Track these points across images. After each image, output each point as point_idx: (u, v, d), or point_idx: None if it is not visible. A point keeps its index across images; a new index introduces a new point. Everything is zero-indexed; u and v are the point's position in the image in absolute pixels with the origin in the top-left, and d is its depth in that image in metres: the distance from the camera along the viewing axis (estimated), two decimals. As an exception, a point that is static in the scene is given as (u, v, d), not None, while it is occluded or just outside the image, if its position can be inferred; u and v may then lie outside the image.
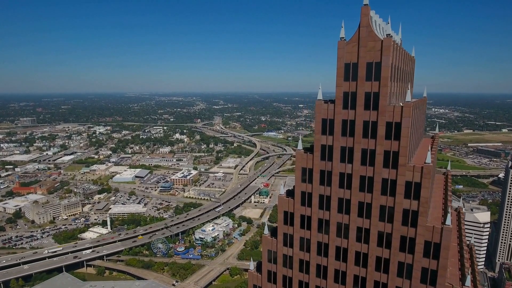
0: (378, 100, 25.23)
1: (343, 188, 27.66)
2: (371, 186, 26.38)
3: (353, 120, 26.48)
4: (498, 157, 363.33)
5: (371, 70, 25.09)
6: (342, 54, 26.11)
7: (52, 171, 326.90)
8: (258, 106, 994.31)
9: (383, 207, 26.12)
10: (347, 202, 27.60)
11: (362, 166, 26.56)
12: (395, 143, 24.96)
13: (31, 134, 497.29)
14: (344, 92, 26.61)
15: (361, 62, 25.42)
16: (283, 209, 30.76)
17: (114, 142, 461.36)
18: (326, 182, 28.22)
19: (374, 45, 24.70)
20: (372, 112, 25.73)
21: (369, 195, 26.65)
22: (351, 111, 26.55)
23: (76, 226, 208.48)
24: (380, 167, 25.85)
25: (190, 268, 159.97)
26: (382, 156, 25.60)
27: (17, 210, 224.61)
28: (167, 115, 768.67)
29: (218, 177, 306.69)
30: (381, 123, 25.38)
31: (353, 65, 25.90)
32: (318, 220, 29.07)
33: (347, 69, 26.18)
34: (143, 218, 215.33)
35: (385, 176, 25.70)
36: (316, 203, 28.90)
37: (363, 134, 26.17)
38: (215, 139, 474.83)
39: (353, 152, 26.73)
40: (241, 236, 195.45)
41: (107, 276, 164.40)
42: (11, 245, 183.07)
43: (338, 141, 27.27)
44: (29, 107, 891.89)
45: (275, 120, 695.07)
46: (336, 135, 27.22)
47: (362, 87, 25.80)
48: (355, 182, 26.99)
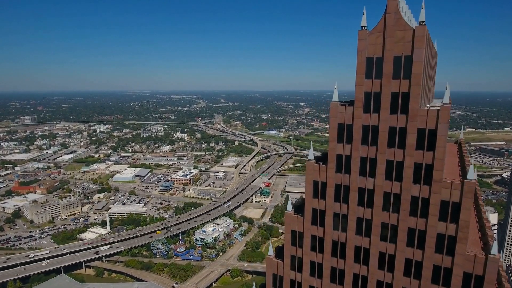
0: (408, 102, 20.90)
1: (362, 206, 23.48)
2: (398, 205, 22.15)
3: (376, 126, 22.23)
4: (501, 156, 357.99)
5: (400, 66, 20.80)
6: (363, 47, 21.73)
7: (52, 170, 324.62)
8: (259, 104, 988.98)
9: (412, 230, 21.90)
10: (368, 223, 23.42)
11: (386, 181, 22.38)
12: (429, 155, 20.69)
13: (32, 133, 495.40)
14: (366, 92, 22.29)
15: (387, 56, 21.10)
16: (290, 227, 26.60)
17: (115, 140, 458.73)
18: (342, 198, 24.11)
19: (404, 35, 20.38)
20: (400, 116, 21.43)
21: (395, 216, 22.45)
22: (373, 115, 22.27)
23: (75, 226, 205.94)
24: (409, 183, 21.62)
25: (190, 270, 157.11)
26: (411, 170, 21.38)
27: (16, 210, 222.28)
28: (168, 114, 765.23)
29: (219, 176, 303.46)
30: (411, 130, 21.12)
31: (377, 59, 21.60)
32: (333, 242, 24.90)
33: (369, 65, 21.84)
34: (143, 218, 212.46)
35: (415, 193, 21.52)
36: (330, 222, 24.76)
37: (388, 143, 21.94)
38: (216, 138, 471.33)
39: (376, 164, 22.49)
40: (242, 236, 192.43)
41: (106, 277, 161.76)
42: (9, 246, 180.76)
43: (357, 151, 23.08)
44: (30, 106, 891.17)
45: (276, 118, 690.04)
46: (355, 144, 23.00)
47: (388, 87, 21.49)
48: (377, 199, 22.76)
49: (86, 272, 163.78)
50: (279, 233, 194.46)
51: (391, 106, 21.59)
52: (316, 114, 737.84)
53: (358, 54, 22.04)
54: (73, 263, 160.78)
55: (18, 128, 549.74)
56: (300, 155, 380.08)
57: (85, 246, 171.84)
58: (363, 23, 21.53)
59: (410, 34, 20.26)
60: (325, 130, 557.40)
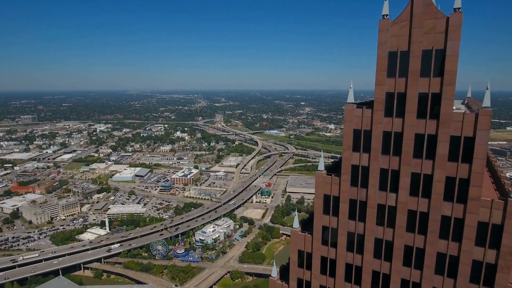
0: (440, 104, 17.71)
1: (382, 226, 20.34)
2: (425, 226, 19.05)
3: (400, 133, 19.06)
4: (503, 156, 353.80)
5: (430, 61, 17.64)
6: (385, 39, 18.50)
7: (51, 169, 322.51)
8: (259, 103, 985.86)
9: (441, 255, 18.72)
10: (388, 245, 20.22)
11: (412, 197, 19.24)
12: (464, 167, 17.49)
13: (32, 132, 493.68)
14: (388, 93, 19.09)
15: (414, 49, 17.89)
16: (297, 247, 23.37)
17: (115, 140, 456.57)
18: (358, 216, 20.95)
19: (436, 25, 17.16)
20: (429, 121, 18.27)
21: (421, 238, 19.31)
22: (397, 119, 19.09)
23: (74, 227, 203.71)
24: (439, 200, 18.47)
25: (190, 271, 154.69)
26: (443, 185, 18.21)
27: (15, 210, 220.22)
28: (168, 113, 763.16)
29: (219, 176, 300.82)
30: (443, 137, 17.96)
31: (402, 54, 18.40)
32: (346, 265, 21.69)
33: (392, 60, 18.61)
34: (142, 218, 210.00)
35: (446, 212, 18.39)
36: (343, 242, 21.63)
37: (414, 153, 18.80)
38: (216, 137, 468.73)
39: (399, 178, 19.28)
40: (243, 237, 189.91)
41: (105, 279, 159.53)
42: (7, 247, 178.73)
43: (376, 162, 19.88)
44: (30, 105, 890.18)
45: (276, 118, 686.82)
46: (374, 153, 19.80)
47: (415, 86, 18.30)
48: (401, 218, 19.60)
49: (85, 274, 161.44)
50: (279, 234, 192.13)
51: (419, 109, 18.38)
52: (316, 114, 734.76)
53: (378, 47, 18.60)
54: (71, 265, 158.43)
55: (18, 127, 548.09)
56: (301, 155, 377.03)
57: (78, 249, 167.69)
58: (385, 11, 18.17)
59: (443, 23, 16.97)
60: (326, 129, 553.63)
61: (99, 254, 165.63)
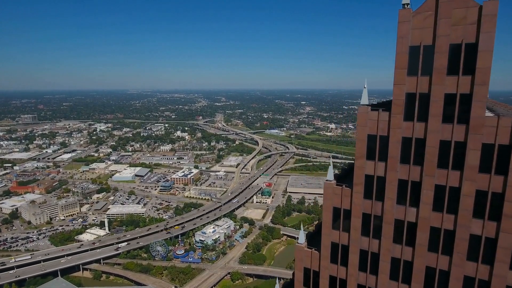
0: (470, 107, 15.40)
1: (400, 244, 18.08)
2: (450, 246, 16.75)
3: (422, 139, 16.78)
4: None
5: (458, 57, 15.23)
6: (405, 32, 16.10)
7: (51, 169, 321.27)
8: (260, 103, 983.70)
9: (469, 279, 16.41)
10: (407, 265, 17.95)
11: (435, 213, 16.96)
12: (498, 180, 15.15)
13: (32, 132, 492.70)
14: (408, 93, 16.76)
15: (440, 43, 15.50)
16: (302, 264, 21.09)
17: (115, 139, 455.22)
18: (372, 232, 18.69)
19: (466, 15, 14.77)
20: (457, 126, 15.95)
21: (446, 259, 17.05)
22: (419, 124, 16.77)
23: (73, 227, 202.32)
24: (467, 217, 16.19)
25: (190, 273, 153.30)
26: (472, 200, 15.93)
27: (14, 210, 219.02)
28: (169, 112, 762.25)
29: (220, 176, 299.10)
30: (473, 145, 15.67)
31: (426, 49, 16.01)
32: (358, 287, 19.53)
33: (414, 56, 16.24)
34: (142, 219, 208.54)
35: (476, 231, 16.09)
36: (354, 261, 19.38)
37: (439, 162, 16.51)
38: (216, 137, 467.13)
39: (421, 190, 16.97)
40: (243, 238, 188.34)
41: (104, 280, 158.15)
42: (6, 247, 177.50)
43: (394, 172, 17.59)
44: (31, 104, 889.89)
45: (277, 117, 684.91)
46: (391, 162, 17.51)
47: (440, 86, 15.96)
48: (422, 236, 17.35)
49: (84, 275, 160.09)
50: (280, 234, 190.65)
51: (445, 113, 16.01)
52: (317, 113, 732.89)
53: (398, 42, 16.24)
54: (70, 266, 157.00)
55: (18, 127, 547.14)
56: (302, 155, 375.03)
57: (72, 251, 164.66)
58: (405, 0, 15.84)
59: (474, 13, 14.53)
60: (327, 129, 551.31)
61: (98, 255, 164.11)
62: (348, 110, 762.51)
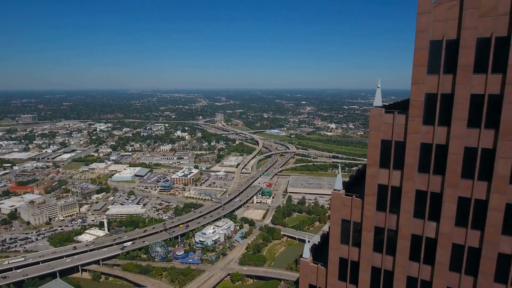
0: (500, 109, 13.95)
1: (417, 262, 16.43)
2: (475, 265, 15.27)
3: (445, 145, 15.28)
4: None
5: (487, 53, 13.67)
6: (425, 24, 14.36)
7: (50, 169, 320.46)
8: (260, 102, 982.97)
9: (496, 302, 14.53)
10: (425, 286, 16.41)
11: (458, 228, 15.46)
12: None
13: (31, 131, 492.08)
14: (428, 94, 15.17)
15: (466, 37, 13.85)
16: (307, 281, 19.55)
17: (115, 139, 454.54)
18: (385, 248, 17.13)
19: (496, 5, 13.23)
20: (485, 131, 14.42)
21: (469, 280, 15.45)
22: (440, 128, 15.21)
23: (72, 228, 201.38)
24: (495, 233, 14.72)
25: (190, 274, 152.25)
26: (501, 215, 14.47)
27: (13, 210, 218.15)
28: (169, 112, 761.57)
29: (220, 176, 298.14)
30: (504, 152, 14.21)
31: (449, 44, 14.44)
32: (369, 306, 17.90)
33: (435, 52, 14.64)
34: (141, 219, 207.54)
35: (505, 250, 14.55)
36: (365, 279, 17.83)
37: (463, 172, 14.99)
38: (216, 137, 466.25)
39: (442, 203, 15.47)
40: (243, 239, 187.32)
41: (103, 282, 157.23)
42: (5, 248, 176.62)
43: (411, 181, 16.06)
44: (31, 104, 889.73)
45: (277, 117, 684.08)
46: (408, 171, 15.96)
47: (466, 85, 14.37)
48: (442, 254, 15.79)
49: (83, 276, 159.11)
50: (280, 235, 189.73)
51: (471, 116, 14.35)
52: (317, 113, 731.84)
53: (416, 36, 14.41)
54: (69, 267, 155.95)
55: (18, 126, 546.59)
56: (302, 154, 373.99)
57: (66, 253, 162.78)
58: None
59: (507, 3, 12.81)
60: (327, 129, 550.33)
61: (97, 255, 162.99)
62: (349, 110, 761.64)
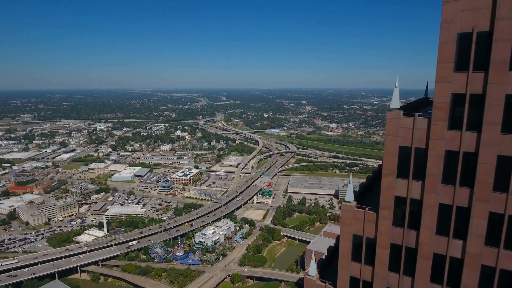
0: None
1: (440, 285, 14.63)
2: None
3: (474, 154, 13.47)
4: None
5: None
6: (452, 14, 12.48)
7: (50, 169, 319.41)
8: (260, 102, 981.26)
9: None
10: None
11: (488, 248, 13.65)
12: None
13: (31, 131, 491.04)
14: (455, 94, 13.39)
15: (500, 29, 12.02)
16: None
17: (115, 139, 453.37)
18: (403, 267, 15.31)
19: None
20: None
21: None
22: (469, 134, 13.44)
23: (71, 228, 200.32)
24: None
25: (189, 275, 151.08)
26: None
27: (12, 211, 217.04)
28: (169, 112, 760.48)
29: (220, 176, 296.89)
30: None
31: (480, 36, 12.58)
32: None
33: (463, 46, 12.78)
34: (141, 219, 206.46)
35: None
36: None
37: (495, 184, 13.19)
38: (216, 137, 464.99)
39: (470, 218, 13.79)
40: (243, 239, 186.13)
41: (102, 283, 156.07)
42: (3, 249, 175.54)
43: (434, 194, 14.34)
44: (31, 104, 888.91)
45: (277, 116, 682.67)
46: (430, 182, 14.21)
47: (500, 85, 12.61)
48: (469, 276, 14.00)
49: (82, 277, 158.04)
50: (281, 236, 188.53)
51: (505, 119, 12.51)
52: (318, 112, 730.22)
53: (442, 27, 12.57)
54: (68, 268, 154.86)
55: (18, 126, 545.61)
56: (302, 154, 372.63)
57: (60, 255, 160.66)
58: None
59: None
60: (327, 128, 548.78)
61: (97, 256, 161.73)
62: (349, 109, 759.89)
